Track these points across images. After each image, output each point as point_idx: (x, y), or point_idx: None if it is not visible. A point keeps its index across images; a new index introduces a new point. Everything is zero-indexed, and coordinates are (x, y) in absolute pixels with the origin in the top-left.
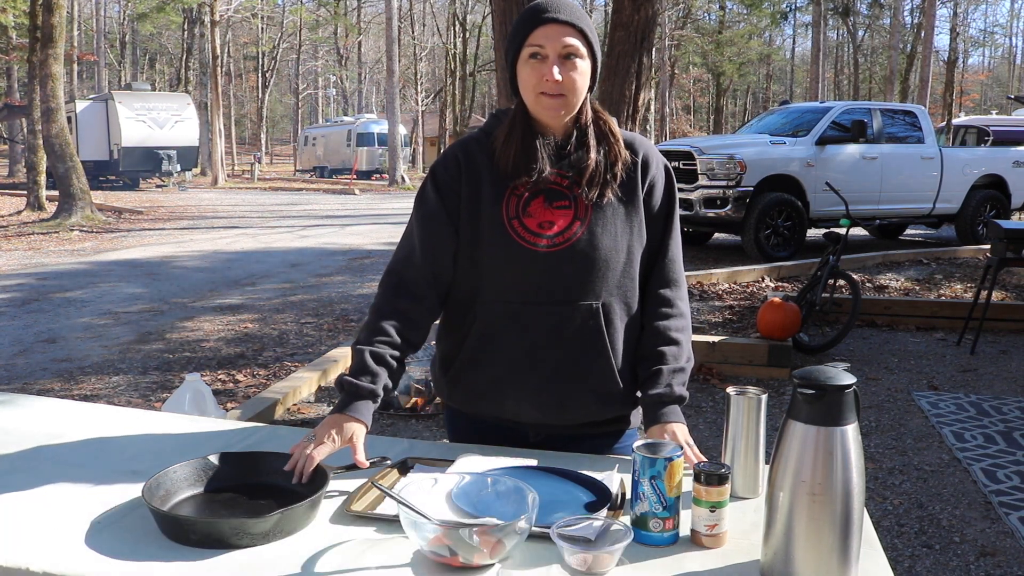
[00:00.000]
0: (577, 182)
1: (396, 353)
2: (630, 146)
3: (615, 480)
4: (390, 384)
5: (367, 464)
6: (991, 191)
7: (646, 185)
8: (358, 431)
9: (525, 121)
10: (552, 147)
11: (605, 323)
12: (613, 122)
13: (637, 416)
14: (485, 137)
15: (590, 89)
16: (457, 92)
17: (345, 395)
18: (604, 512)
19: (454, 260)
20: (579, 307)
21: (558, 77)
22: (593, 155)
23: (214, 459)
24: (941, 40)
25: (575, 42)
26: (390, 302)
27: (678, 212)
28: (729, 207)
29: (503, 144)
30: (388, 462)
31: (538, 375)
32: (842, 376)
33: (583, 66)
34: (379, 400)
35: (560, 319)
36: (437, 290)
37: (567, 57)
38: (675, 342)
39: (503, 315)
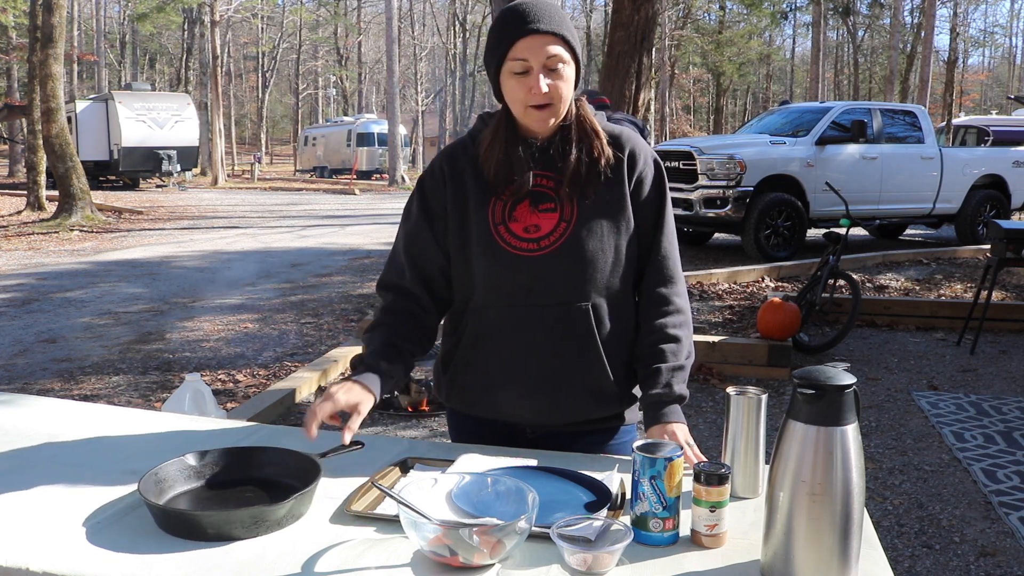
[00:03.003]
0: (562, 183)
1: (400, 344)
2: (615, 141)
3: (615, 480)
4: (396, 365)
5: (348, 440)
6: (991, 191)
7: (633, 181)
8: (364, 399)
9: (509, 128)
10: (536, 150)
11: (596, 323)
12: (595, 119)
13: (631, 413)
14: (471, 142)
15: (574, 90)
16: (457, 92)
17: (357, 370)
18: (604, 512)
19: (441, 270)
20: (569, 309)
21: (545, 89)
22: (575, 155)
23: (209, 453)
24: (941, 40)
25: (559, 50)
26: (388, 309)
27: (670, 208)
28: (729, 207)
29: (487, 152)
30: (361, 447)
31: (531, 376)
32: (842, 376)
33: (568, 72)
34: (383, 375)
35: (551, 321)
36: (432, 293)
37: (552, 67)
38: (674, 339)
39: (494, 319)
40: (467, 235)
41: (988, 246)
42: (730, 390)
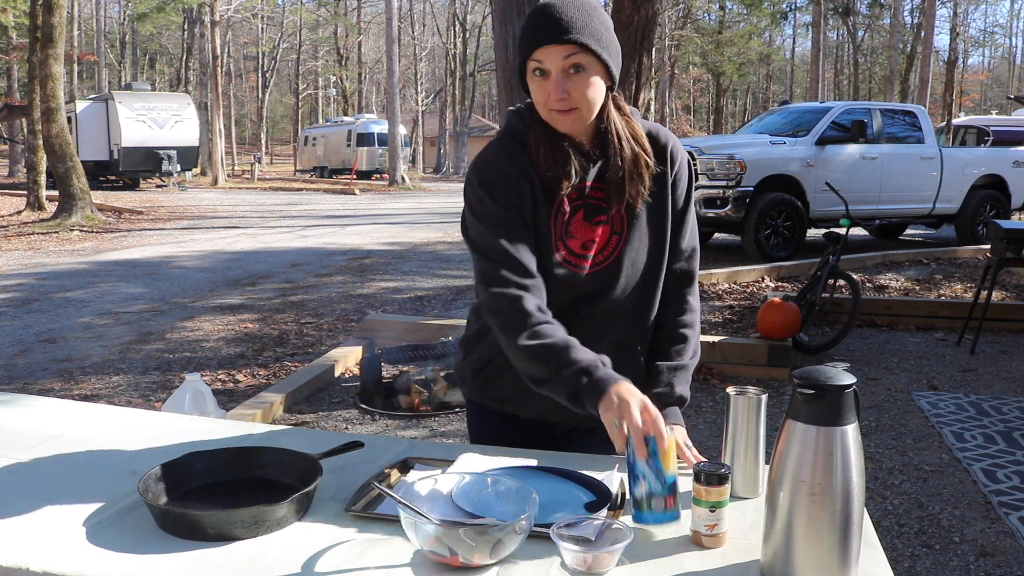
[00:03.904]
0: (610, 192)
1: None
2: (655, 140)
3: (615, 480)
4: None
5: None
6: (991, 191)
7: (672, 179)
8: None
9: (549, 129)
10: (587, 160)
11: (637, 329)
12: (637, 125)
13: None
14: (520, 147)
15: (611, 90)
16: (457, 92)
17: (593, 373)
18: (604, 512)
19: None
20: (616, 317)
21: (563, 95)
22: (619, 162)
23: (209, 453)
24: (941, 40)
25: (579, 58)
26: (526, 309)
27: (693, 205)
28: (729, 207)
29: (537, 153)
30: (361, 447)
31: None
32: (842, 376)
33: (592, 77)
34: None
35: (597, 329)
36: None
37: (573, 70)
38: (683, 338)
39: None
40: (536, 241)
41: (988, 246)
42: (730, 390)
